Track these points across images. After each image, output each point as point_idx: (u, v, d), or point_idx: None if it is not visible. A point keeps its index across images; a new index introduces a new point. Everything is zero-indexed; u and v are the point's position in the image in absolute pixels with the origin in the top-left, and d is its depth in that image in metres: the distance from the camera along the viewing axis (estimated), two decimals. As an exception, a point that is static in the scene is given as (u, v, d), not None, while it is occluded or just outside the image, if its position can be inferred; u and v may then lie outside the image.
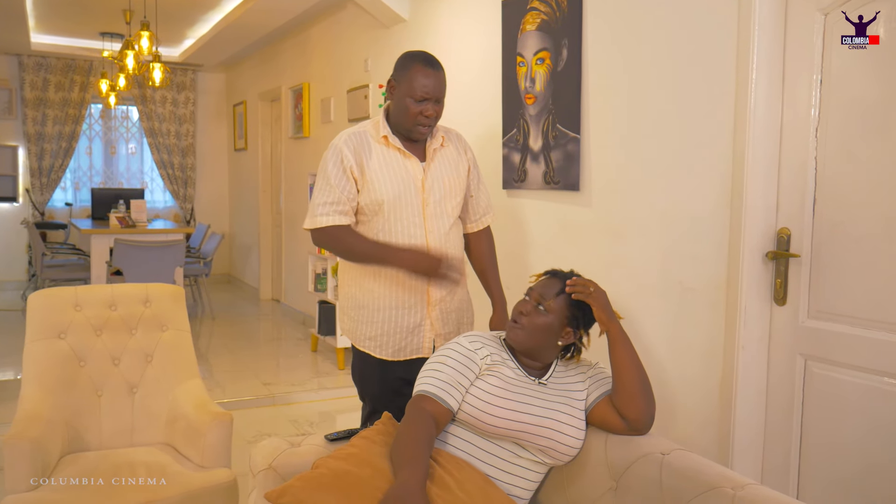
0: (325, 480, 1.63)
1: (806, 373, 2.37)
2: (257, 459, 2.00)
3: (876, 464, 2.18)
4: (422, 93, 2.28)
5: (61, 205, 9.03)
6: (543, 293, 1.89)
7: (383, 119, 2.39)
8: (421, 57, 2.33)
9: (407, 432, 1.70)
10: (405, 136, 2.38)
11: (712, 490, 1.55)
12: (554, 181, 3.33)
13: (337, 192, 2.32)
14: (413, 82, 2.28)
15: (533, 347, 1.87)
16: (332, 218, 2.32)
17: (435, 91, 2.29)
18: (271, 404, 4.51)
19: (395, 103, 2.34)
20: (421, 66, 2.29)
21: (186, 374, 2.99)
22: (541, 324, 1.85)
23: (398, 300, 2.39)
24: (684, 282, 2.70)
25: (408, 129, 2.34)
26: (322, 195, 2.34)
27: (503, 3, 3.65)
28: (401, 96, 2.31)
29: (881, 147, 2.16)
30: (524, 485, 1.83)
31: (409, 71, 2.30)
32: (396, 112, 2.34)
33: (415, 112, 2.29)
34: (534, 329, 1.85)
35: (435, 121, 2.35)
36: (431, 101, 2.30)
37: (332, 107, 6.16)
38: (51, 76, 8.63)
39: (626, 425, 1.80)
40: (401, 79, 2.32)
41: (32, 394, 2.71)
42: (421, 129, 2.33)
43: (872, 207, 2.19)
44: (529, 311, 1.87)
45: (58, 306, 2.92)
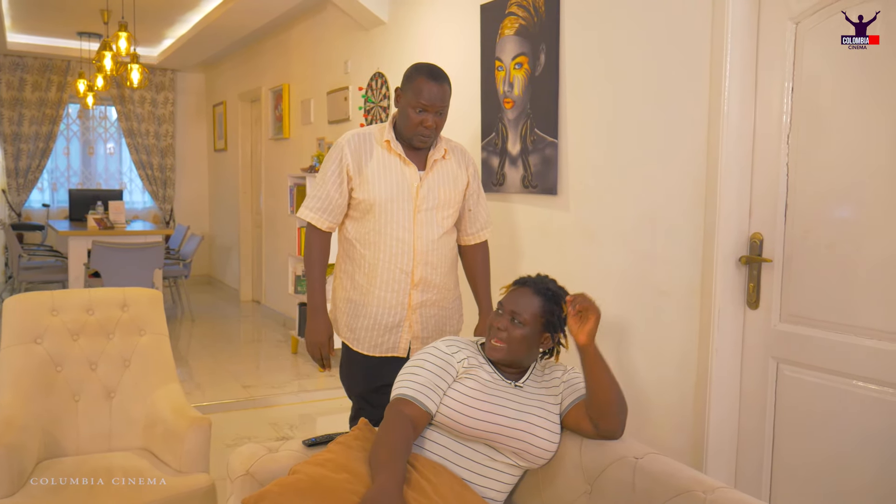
0: (303, 486, 1.64)
1: (778, 375, 2.41)
2: (235, 465, 2.01)
3: (846, 465, 2.22)
4: (423, 103, 2.35)
5: (38, 206, 8.94)
6: (516, 305, 1.90)
7: (390, 125, 2.48)
8: (425, 69, 2.40)
9: (385, 436, 1.72)
10: (408, 143, 2.44)
11: (684, 493, 1.58)
12: (532, 185, 3.36)
13: (326, 189, 2.47)
14: (416, 93, 2.35)
15: (514, 360, 1.89)
16: (315, 215, 2.49)
17: (435, 103, 2.36)
18: (251, 407, 4.49)
19: (400, 112, 2.44)
20: (424, 78, 2.36)
21: (164, 378, 2.97)
22: (518, 336, 1.87)
23: (382, 299, 2.48)
24: (659, 285, 2.73)
25: (409, 138, 2.42)
26: (316, 189, 2.51)
27: (482, 7, 3.68)
28: (404, 105, 2.40)
29: (849, 154, 2.20)
30: (499, 487, 1.86)
31: (414, 82, 2.37)
32: (401, 120, 2.43)
33: (416, 122, 2.37)
34: (513, 342, 1.87)
35: (435, 132, 2.42)
36: (432, 113, 2.37)
37: (312, 108, 6.15)
38: (27, 76, 8.54)
39: (597, 433, 1.83)
40: (406, 89, 2.41)
41: (8, 399, 2.69)
42: (421, 138, 2.40)
43: (841, 214, 2.23)
44: (506, 326, 1.89)
45: (34, 311, 2.90)
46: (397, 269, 2.45)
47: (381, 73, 4.93)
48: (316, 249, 2.51)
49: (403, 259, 2.44)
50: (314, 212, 2.48)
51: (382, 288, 2.47)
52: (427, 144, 2.45)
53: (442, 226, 2.50)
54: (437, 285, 2.52)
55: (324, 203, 2.47)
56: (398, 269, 2.45)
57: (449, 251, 2.56)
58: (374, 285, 2.47)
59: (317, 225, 2.49)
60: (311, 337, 2.53)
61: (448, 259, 2.55)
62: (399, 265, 2.44)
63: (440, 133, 2.48)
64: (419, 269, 2.46)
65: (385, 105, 4.87)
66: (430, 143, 2.46)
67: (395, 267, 2.45)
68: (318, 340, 2.52)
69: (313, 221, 2.49)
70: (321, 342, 2.52)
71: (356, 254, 2.51)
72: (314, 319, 2.52)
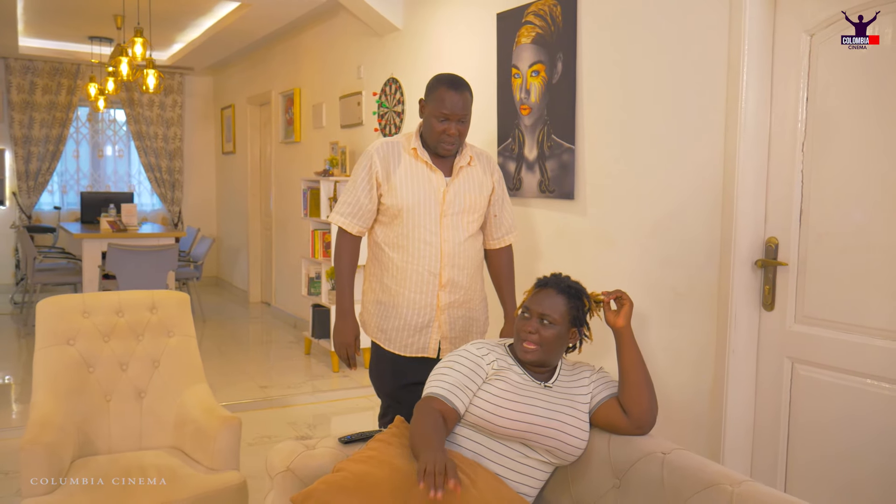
0: (348, 483, 1.72)
1: (793, 375, 2.50)
2: (275, 462, 2.08)
3: (859, 461, 2.31)
4: (445, 113, 2.44)
5: (48, 208, 9.02)
6: (543, 307, 1.98)
7: (417, 133, 2.57)
8: (446, 79, 2.49)
9: (420, 424, 1.82)
10: (434, 151, 2.54)
11: (712, 487, 1.66)
12: (549, 190, 3.44)
13: (356, 195, 2.58)
14: (438, 103, 2.45)
15: (547, 360, 1.98)
16: (345, 220, 2.60)
17: (457, 111, 2.45)
18: (268, 407, 4.57)
19: (424, 121, 2.53)
20: (445, 88, 2.46)
21: (193, 378, 3.06)
22: (550, 336, 1.95)
23: (412, 301, 2.57)
24: (676, 288, 2.82)
25: (434, 146, 2.52)
26: (346, 195, 2.61)
27: (498, 16, 3.76)
28: (428, 115, 2.50)
29: (862, 161, 2.29)
30: (531, 483, 1.94)
31: (436, 92, 2.47)
32: (425, 129, 2.53)
33: (439, 130, 2.47)
34: (545, 343, 1.95)
35: (458, 139, 2.51)
36: (454, 121, 2.46)
37: (324, 112, 6.23)
38: (38, 79, 8.62)
39: (629, 423, 1.91)
40: (429, 99, 2.51)
41: (44, 399, 2.76)
42: (445, 146, 2.50)
43: (853, 219, 2.32)
44: (536, 328, 1.97)
45: (67, 313, 2.97)
46: (426, 271, 2.54)
47: (395, 79, 5.01)
48: (346, 253, 2.61)
49: (431, 261, 2.54)
50: (345, 217, 2.59)
51: (412, 289, 2.56)
52: (451, 152, 2.54)
53: (467, 230, 2.59)
54: (465, 286, 2.61)
55: (354, 209, 2.57)
56: (426, 271, 2.54)
57: (475, 253, 2.65)
58: (404, 287, 2.57)
59: (347, 229, 2.59)
60: (339, 337, 2.63)
61: (474, 261, 2.64)
62: (427, 267, 2.54)
63: (464, 140, 2.57)
64: (447, 271, 2.55)
65: (399, 110, 4.96)
66: (454, 151, 2.55)
67: (424, 269, 2.54)
68: (346, 341, 2.61)
69: (344, 226, 2.59)
70: (348, 342, 2.61)
71: (385, 257, 2.60)
72: (342, 320, 2.61)
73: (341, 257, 2.61)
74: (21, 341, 6.28)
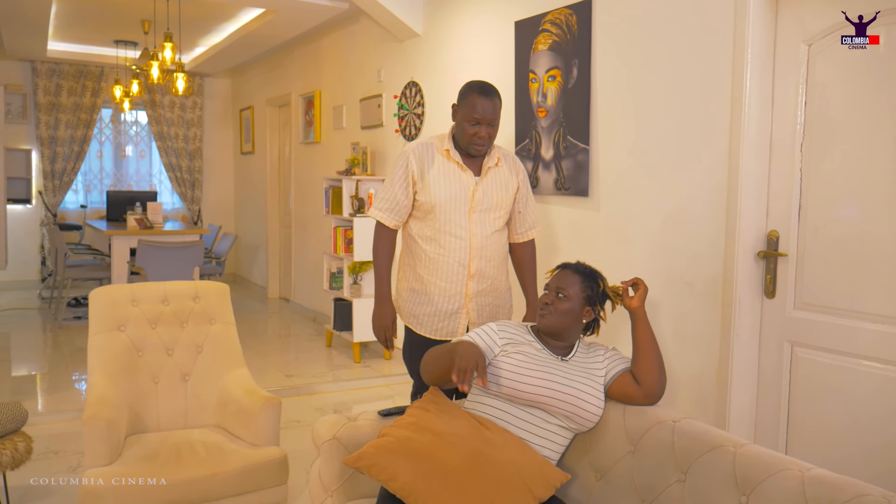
0: (394, 447, 1.94)
1: (793, 357, 2.71)
2: (321, 432, 2.30)
3: (855, 435, 2.52)
4: (476, 117, 2.67)
5: (73, 206, 9.29)
6: (560, 283, 2.24)
7: (449, 136, 2.80)
8: (478, 86, 2.72)
9: (437, 348, 2.17)
10: (465, 152, 2.77)
11: (717, 448, 1.87)
12: (565, 187, 3.66)
13: (394, 192, 2.79)
14: (470, 108, 2.68)
15: (561, 329, 2.20)
16: (383, 215, 2.81)
17: (487, 116, 2.68)
18: (295, 394, 4.80)
19: (457, 125, 2.76)
20: (476, 94, 2.68)
21: (233, 363, 3.29)
22: (564, 308, 2.19)
23: (443, 290, 2.80)
24: (684, 277, 3.03)
25: (466, 147, 2.74)
26: (384, 192, 2.84)
27: (516, 23, 3.98)
28: (460, 119, 2.72)
29: (856, 160, 2.50)
30: (553, 447, 2.15)
31: (468, 98, 2.70)
32: (457, 132, 2.76)
33: (471, 133, 2.69)
34: (559, 313, 2.19)
35: (489, 141, 2.73)
36: (484, 125, 2.69)
37: (345, 114, 6.45)
38: (63, 81, 8.88)
39: (641, 393, 2.13)
40: (461, 104, 2.73)
41: (99, 381, 3.00)
42: (476, 147, 2.73)
43: (848, 213, 2.53)
44: (552, 300, 2.22)
45: (117, 301, 3.21)
46: (455, 262, 2.77)
47: (415, 82, 5.24)
48: (383, 245, 2.83)
49: (461, 253, 2.76)
50: (383, 212, 2.81)
51: (443, 279, 2.79)
52: (482, 153, 2.77)
53: (494, 225, 2.82)
54: (491, 276, 2.83)
55: (391, 205, 2.80)
56: (456, 263, 2.77)
57: (501, 247, 2.88)
58: (436, 276, 2.80)
59: (385, 223, 2.82)
60: (378, 321, 2.86)
61: (500, 254, 2.87)
62: (457, 259, 2.77)
63: (493, 142, 2.79)
64: (475, 262, 2.78)
65: (419, 112, 5.18)
66: (484, 152, 2.77)
67: (454, 260, 2.77)
68: (384, 324, 2.85)
69: (382, 220, 2.82)
70: (386, 326, 2.85)
71: (418, 249, 2.83)
72: (380, 306, 2.84)
73: (379, 249, 2.84)
74: (47, 335, 6.52)
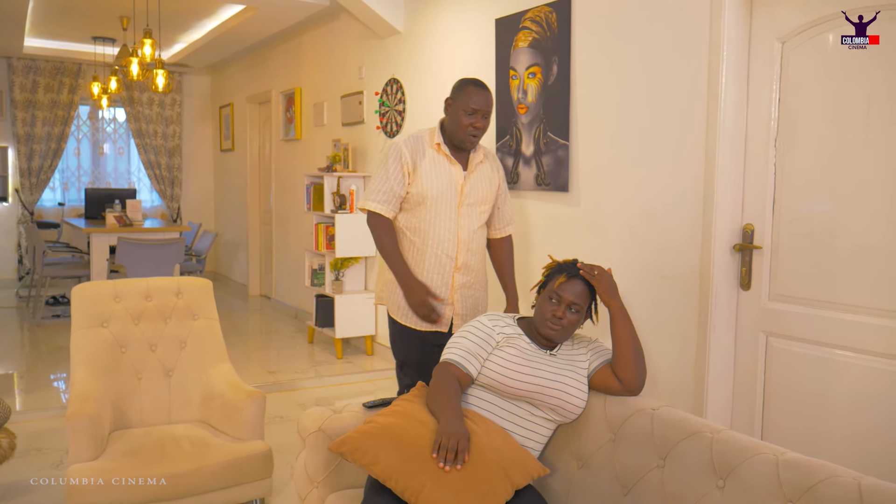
0: (376, 431, 1.98)
1: (768, 347, 2.78)
2: (307, 424, 2.32)
3: (829, 421, 2.59)
4: (473, 107, 2.75)
5: (50, 204, 9.21)
6: (574, 297, 2.22)
7: (438, 130, 2.86)
8: (472, 80, 2.82)
9: (439, 387, 2.09)
10: (455, 146, 2.83)
11: (695, 434, 1.92)
12: (545, 183, 3.71)
13: (391, 183, 2.82)
14: (467, 99, 2.76)
15: (565, 339, 2.25)
16: (381, 206, 2.83)
17: (483, 106, 2.77)
18: (278, 390, 4.82)
19: (450, 118, 2.82)
20: (473, 87, 2.79)
21: (217, 358, 3.29)
22: (575, 321, 2.24)
23: (430, 281, 2.85)
24: (662, 271, 3.09)
25: (460, 140, 2.80)
26: (379, 183, 2.85)
27: (497, 21, 4.02)
28: (455, 111, 2.79)
29: (826, 155, 2.57)
30: (537, 438, 2.20)
31: (464, 90, 2.78)
32: (451, 125, 2.82)
33: (466, 123, 2.77)
34: (570, 327, 2.23)
35: (482, 132, 2.81)
36: (480, 115, 2.77)
37: (326, 111, 6.46)
38: (40, 78, 8.80)
39: (621, 387, 2.17)
40: (456, 97, 2.80)
41: (82, 376, 3.00)
42: (471, 138, 2.80)
43: (819, 207, 2.60)
44: (564, 314, 2.21)
45: (100, 297, 3.20)
46: (444, 254, 2.83)
47: (396, 79, 5.26)
48: (386, 233, 2.86)
49: (449, 246, 2.82)
50: (380, 203, 2.83)
51: (430, 270, 2.85)
52: (474, 144, 2.84)
53: (479, 219, 2.90)
54: (475, 269, 2.90)
55: (387, 196, 2.83)
56: (444, 255, 2.83)
57: (483, 241, 2.97)
58: (422, 268, 2.85)
59: (384, 214, 2.84)
60: (413, 298, 2.80)
61: (482, 248, 2.96)
62: (445, 251, 2.83)
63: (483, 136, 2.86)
64: (462, 255, 2.85)
65: (400, 109, 5.20)
66: (476, 144, 2.84)
67: (442, 252, 2.82)
68: (421, 298, 2.79)
69: (381, 211, 2.84)
70: (423, 299, 2.79)
71: (405, 240, 2.87)
72: (408, 284, 2.81)
73: (383, 237, 2.85)
74: (25, 334, 6.47)
